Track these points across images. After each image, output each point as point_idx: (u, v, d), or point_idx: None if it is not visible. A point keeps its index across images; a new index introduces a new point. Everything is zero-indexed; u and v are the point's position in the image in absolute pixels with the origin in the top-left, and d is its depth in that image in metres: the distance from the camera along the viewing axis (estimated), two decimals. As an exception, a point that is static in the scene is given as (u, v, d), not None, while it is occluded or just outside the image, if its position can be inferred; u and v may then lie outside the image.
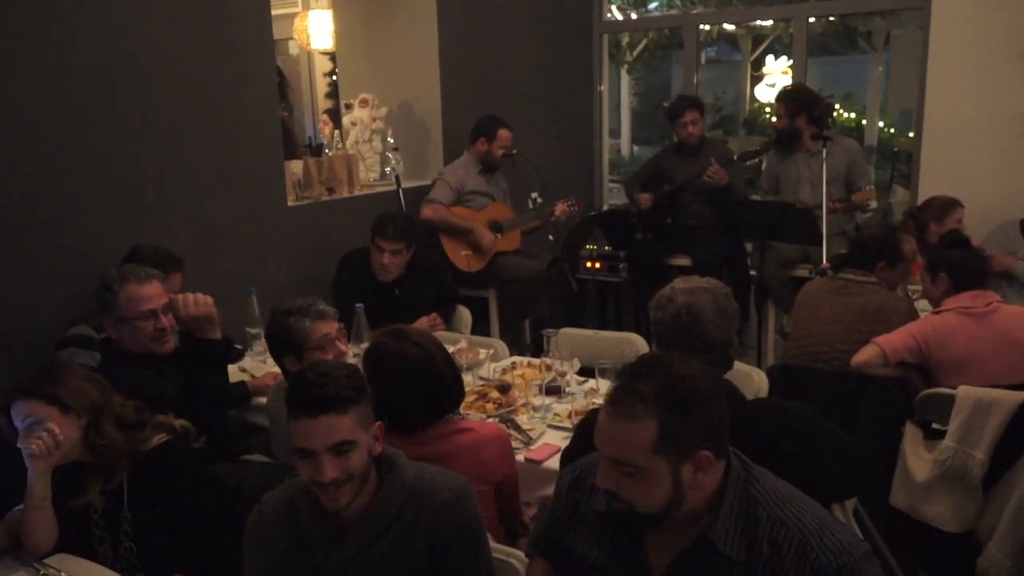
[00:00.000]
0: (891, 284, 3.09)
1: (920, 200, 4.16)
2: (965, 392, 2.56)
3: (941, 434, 2.59)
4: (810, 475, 1.81)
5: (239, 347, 3.21)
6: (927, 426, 2.69)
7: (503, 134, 4.40)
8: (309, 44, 4.51)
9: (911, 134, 5.18)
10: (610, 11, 6.21)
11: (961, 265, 2.86)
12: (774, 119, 4.56)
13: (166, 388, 2.45)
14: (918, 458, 2.67)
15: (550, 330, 3.03)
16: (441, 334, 3.22)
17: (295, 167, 4.03)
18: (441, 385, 2.05)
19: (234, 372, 3.18)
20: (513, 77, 5.13)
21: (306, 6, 4.55)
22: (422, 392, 2.01)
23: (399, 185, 4.33)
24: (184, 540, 1.97)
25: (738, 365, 2.26)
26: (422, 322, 3.51)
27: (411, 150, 4.69)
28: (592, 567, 1.54)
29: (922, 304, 3.26)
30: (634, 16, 8.62)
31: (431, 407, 2.05)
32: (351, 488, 1.60)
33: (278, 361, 2.48)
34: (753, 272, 4.52)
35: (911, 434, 2.71)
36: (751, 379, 2.70)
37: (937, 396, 2.65)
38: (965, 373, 2.67)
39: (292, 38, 4.65)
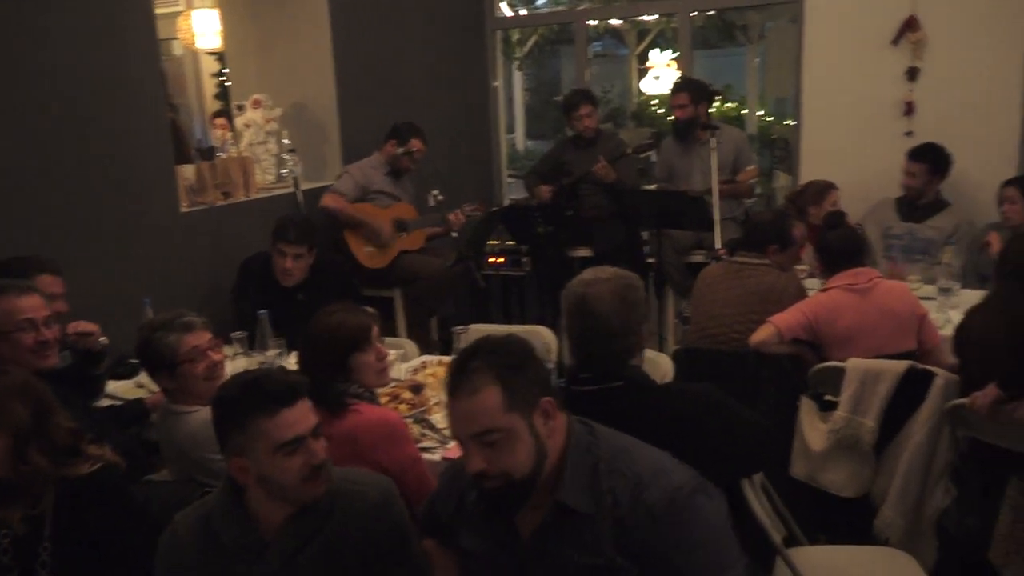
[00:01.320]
0: (782, 266, 3.25)
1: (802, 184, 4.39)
2: (854, 364, 2.70)
3: (834, 405, 2.73)
4: (721, 454, 1.89)
5: (134, 361, 3.09)
6: (821, 398, 2.83)
7: (415, 143, 4.37)
8: (194, 44, 4.36)
9: (787, 122, 5.45)
10: (499, 8, 6.26)
11: (827, 248, 3.05)
12: (676, 109, 4.64)
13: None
14: (814, 429, 2.81)
15: (459, 327, 3.04)
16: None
17: (187, 171, 3.90)
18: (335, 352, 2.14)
19: (131, 388, 3.06)
20: (409, 74, 5.10)
21: (189, 4, 4.40)
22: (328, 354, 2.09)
23: (297, 187, 4.24)
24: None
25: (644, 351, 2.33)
26: (328, 326, 3.46)
27: (308, 151, 4.60)
28: (476, 557, 1.62)
29: (810, 283, 3.45)
30: (524, 12, 8.72)
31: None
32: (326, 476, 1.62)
33: (153, 379, 2.40)
34: (651, 260, 4.66)
35: (807, 407, 2.85)
36: (657, 364, 2.78)
37: (829, 369, 2.79)
38: (853, 346, 2.83)
39: (176, 37, 4.49)
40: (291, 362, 3.08)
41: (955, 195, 4.18)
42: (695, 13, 5.64)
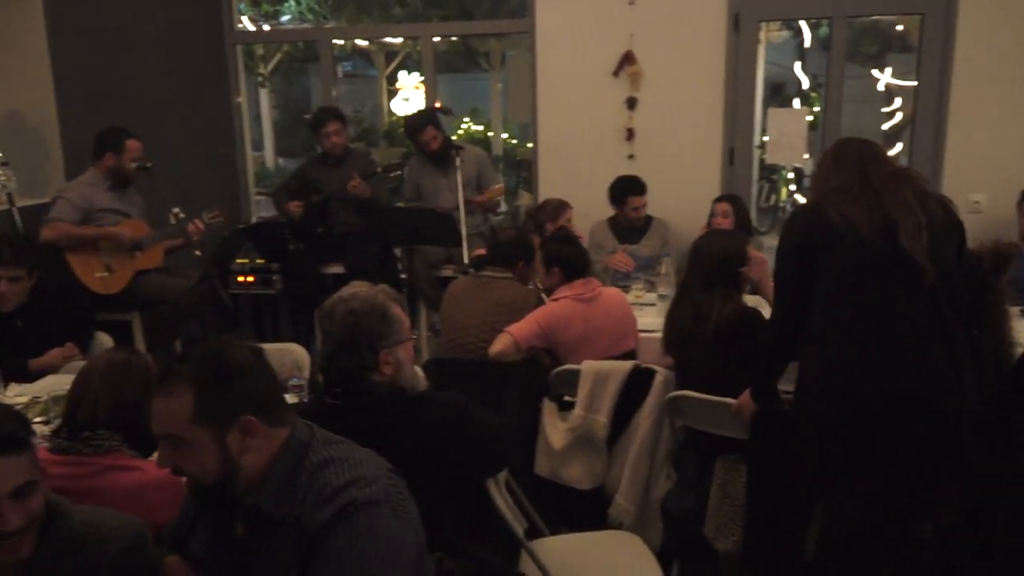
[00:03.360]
0: (525, 279, 3.46)
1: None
2: (587, 366, 2.94)
3: (573, 405, 2.95)
4: (466, 457, 2.00)
5: None
6: (560, 399, 3.05)
7: (131, 145, 4.09)
8: None
9: (529, 144, 5.81)
10: (241, 21, 6.08)
11: (569, 259, 3.30)
12: (430, 143, 4.66)
13: None
14: (555, 428, 3.01)
15: (205, 348, 2.92)
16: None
17: None
18: (132, 402, 1.98)
19: None
20: (142, 87, 4.80)
21: None
22: (112, 397, 1.95)
23: (12, 204, 3.84)
24: None
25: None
26: (54, 354, 3.19)
27: (25, 165, 4.17)
28: (202, 563, 1.62)
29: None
30: (267, 28, 8.51)
31: (116, 419, 1.95)
32: (32, 536, 1.46)
33: None
34: (404, 275, 4.75)
35: (548, 408, 3.05)
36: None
37: (565, 372, 3.02)
38: (584, 350, 3.08)
39: None
40: (9, 395, 2.81)
41: (668, 211, 4.67)
42: (438, 38, 5.84)
